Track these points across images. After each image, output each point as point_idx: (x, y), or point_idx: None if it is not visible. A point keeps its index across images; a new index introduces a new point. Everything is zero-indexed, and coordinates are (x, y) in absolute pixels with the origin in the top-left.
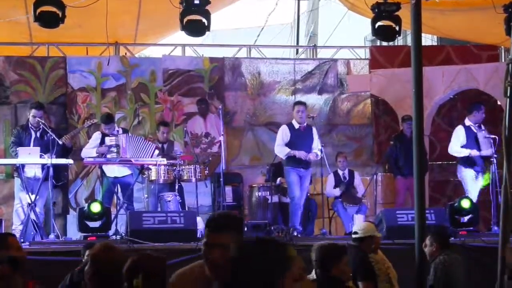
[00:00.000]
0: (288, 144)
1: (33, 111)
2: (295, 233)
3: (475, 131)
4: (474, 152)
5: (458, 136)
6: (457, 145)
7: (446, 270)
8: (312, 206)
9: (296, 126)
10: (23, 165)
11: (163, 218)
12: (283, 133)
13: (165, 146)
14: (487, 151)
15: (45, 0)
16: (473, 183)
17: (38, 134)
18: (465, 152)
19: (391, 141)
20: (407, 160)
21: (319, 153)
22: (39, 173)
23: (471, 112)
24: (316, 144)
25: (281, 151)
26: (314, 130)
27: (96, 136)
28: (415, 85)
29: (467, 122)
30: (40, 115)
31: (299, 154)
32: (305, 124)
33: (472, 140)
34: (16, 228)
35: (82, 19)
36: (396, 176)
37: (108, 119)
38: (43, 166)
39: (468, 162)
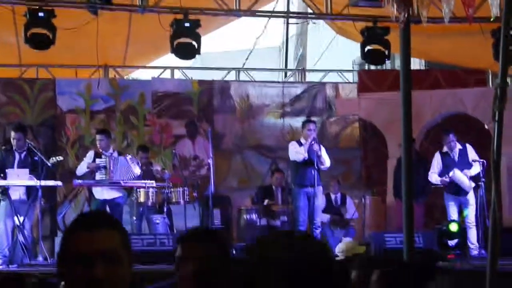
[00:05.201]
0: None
1: (11, 133)
2: None
3: (450, 156)
4: (445, 180)
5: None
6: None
7: None
8: None
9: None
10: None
11: (152, 240)
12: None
13: (144, 168)
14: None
15: (36, 22)
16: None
17: (22, 156)
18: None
19: (396, 163)
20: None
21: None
22: (23, 195)
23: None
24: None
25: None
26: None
27: (90, 154)
28: (404, 108)
29: (444, 148)
30: (18, 137)
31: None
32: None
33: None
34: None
35: (72, 41)
36: (396, 198)
37: (102, 130)
38: (27, 188)
39: (450, 186)
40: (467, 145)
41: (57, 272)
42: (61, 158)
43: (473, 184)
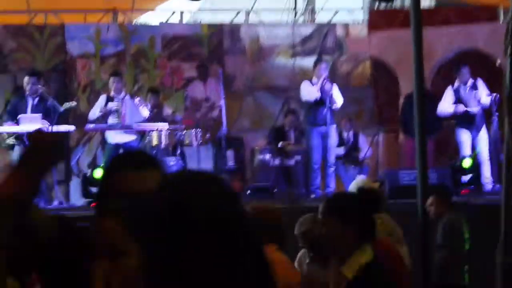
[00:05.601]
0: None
1: (26, 78)
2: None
3: (461, 90)
4: (461, 107)
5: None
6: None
7: (453, 228)
8: None
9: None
10: (24, 133)
11: None
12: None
13: (155, 110)
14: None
15: None
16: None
17: (35, 102)
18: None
19: (403, 101)
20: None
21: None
22: None
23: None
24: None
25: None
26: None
27: (102, 98)
28: (415, 46)
29: (456, 83)
30: (33, 81)
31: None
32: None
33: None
34: None
35: None
36: (410, 136)
37: (115, 72)
38: None
39: (462, 122)
40: (479, 80)
41: (97, 211)
42: (74, 103)
43: (480, 106)
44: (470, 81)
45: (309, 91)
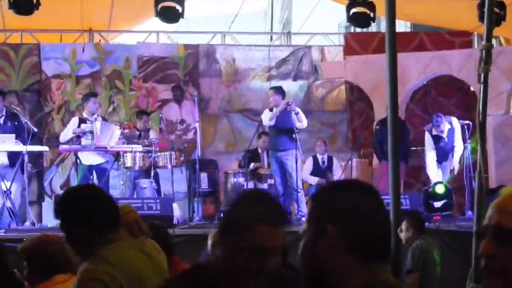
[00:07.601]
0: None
1: None
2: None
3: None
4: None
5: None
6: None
7: (423, 254)
8: None
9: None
10: None
11: (140, 204)
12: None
13: (142, 134)
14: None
15: None
16: (434, 166)
17: (1, 121)
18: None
19: (376, 126)
20: None
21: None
22: (5, 160)
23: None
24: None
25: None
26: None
27: (74, 120)
28: (390, 71)
29: (434, 131)
30: None
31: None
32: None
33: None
34: None
35: (56, 5)
36: (381, 160)
37: (94, 93)
38: (9, 153)
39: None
40: (453, 119)
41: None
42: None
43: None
44: (447, 127)
45: (263, 118)
